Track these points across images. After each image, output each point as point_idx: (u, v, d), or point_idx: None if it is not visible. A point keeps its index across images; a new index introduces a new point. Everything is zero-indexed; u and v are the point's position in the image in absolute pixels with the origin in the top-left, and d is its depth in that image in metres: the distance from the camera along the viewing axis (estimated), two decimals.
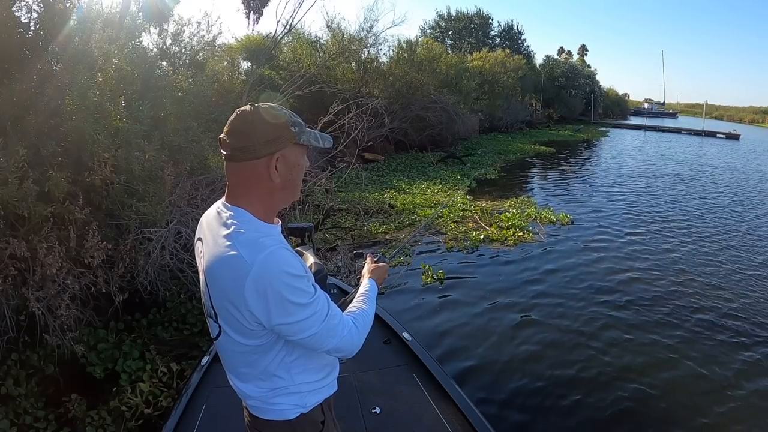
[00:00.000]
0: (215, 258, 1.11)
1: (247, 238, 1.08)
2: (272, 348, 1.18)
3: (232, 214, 1.13)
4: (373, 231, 7.01)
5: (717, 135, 31.27)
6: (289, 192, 1.20)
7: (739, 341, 4.32)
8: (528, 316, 4.70)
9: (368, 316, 1.33)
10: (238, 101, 7.48)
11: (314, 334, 1.13)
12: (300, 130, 1.15)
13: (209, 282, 1.15)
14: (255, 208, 1.14)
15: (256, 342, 1.15)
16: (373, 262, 1.61)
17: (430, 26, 35.05)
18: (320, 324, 1.13)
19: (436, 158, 14.07)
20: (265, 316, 1.08)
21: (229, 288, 1.09)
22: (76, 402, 2.92)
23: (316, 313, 1.12)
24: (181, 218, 4.08)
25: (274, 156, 1.12)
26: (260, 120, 1.10)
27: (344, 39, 14.76)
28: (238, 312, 1.10)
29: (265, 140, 1.10)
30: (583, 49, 53.28)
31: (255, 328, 1.12)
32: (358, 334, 1.25)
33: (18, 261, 2.93)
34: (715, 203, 10.61)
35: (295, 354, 1.21)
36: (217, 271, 1.11)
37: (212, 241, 1.14)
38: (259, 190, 1.14)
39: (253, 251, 1.06)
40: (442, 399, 2.40)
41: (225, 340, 1.20)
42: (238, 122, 1.12)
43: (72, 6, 3.78)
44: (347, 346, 1.21)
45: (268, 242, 1.08)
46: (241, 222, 1.11)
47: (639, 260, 6.43)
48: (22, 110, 3.27)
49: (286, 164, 1.14)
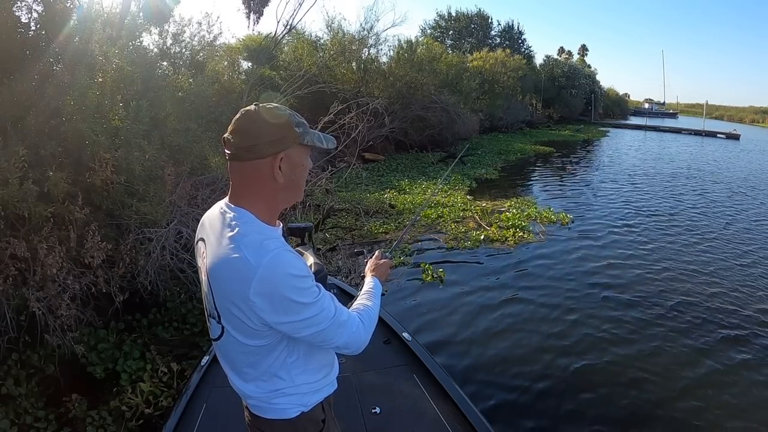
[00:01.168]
0: (219, 260, 1.11)
1: (252, 241, 1.08)
2: (275, 348, 1.18)
3: (236, 215, 1.13)
4: (373, 231, 7.00)
5: (717, 135, 31.24)
6: (292, 192, 1.20)
7: (748, 338, 4.33)
8: (529, 316, 4.69)
9: (373, 313, 1.34)
10: (238, 101, 7.49)
11: (322, 330, 1.14)
12: (304, 131, 1.15)
13: (212, 283, 1.15)
14: (258, 209, 1.15)
15: (259, 342, 1.16)
16: (377, 259, 1.61)
17: (430, 26, 35.04)
18: (329, 321, 1.14)
19: (437, 158, 14.07)
20: (271, 316, 1.08)
21: (234, 290, 1.09)
22: (76, 402, 2.93)
23: (324, 310, 1.13)
24: (182, 218, 4.09)
25: (278, 156, 1.12)
26: (265, 120, 1.11)
27: (344, 39, 14.77)
28: (242, 313, 1.10)
29: (269, 140, 1.10)
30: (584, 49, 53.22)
31: (259, 329, 1.12)
32: (365, 331, 1.26)
33: (18, 261, 2.93)
34: (717, 203, 10.60)
35: (295, 355, 1.22)
36: (221, 273, 1.11)
37: (216, 243, 1.14)
38: (262, 190, 1.15)
39: (257, 254, 1.06)
40: (442, 399, 2.40)
41: (227, 341, 1.20)
42: (243, 122, 1.12)
43: (72, 6, 3.79)
44: (355, 342, 1.23)
45: (271, 245, 1.08)
46: (245, 223, 1.11)
47: (640, 260, 6.43)
48: (22, 110, 3.28)
49: (289, 164, 1.15)
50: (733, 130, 32.68)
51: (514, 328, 4.47)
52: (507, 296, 5.15)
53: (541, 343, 4.22)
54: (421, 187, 10.12)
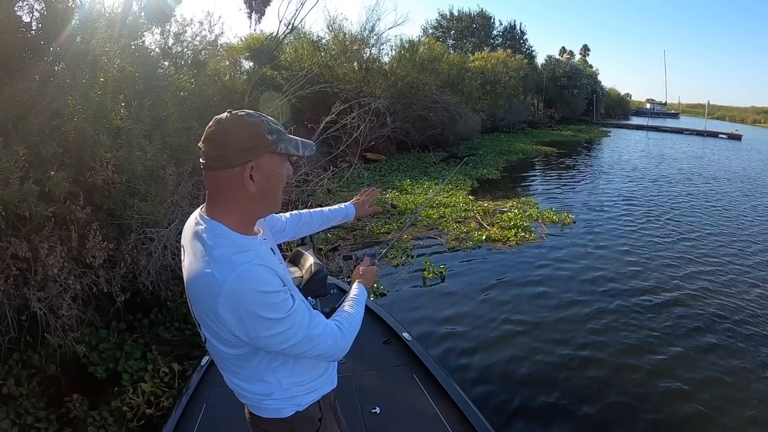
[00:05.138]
0: (191, 273, 1.10)
1: (220, 255, 1.06)
2: (254, 356, 1.18)
3: (206, 226, 1.12)
4: (375, 231, 7.00)
5: (719, 135, 31.17)
6: (267, 202, 1.18)
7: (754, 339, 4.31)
8: (529, 316, 4.68)
9: (355, 320, 1.32)
10: (240, 101, 7.49)
11: (295, 344, 1.12)
12: (278, 138, 1.11)
13: (189, 294, 1.14)
14: (231, 219, 1.12)
15: (237, 351, 1.16)
16: (365, 266, 1.63)
17: (432, 26, 35.12)
18: (301, 334, 1.12)
19: (438, 158, 14.06)
20: (241, 331, 1.08)
21: (205, 304, 1.08)
22: (77, 402, 2.93)
23: (295, 324, 1.10)
24: (183, 218, 4.07)
25: (248, 164, 1.08)
26: (234, 128, 1.08)
27: (346, 39, 14.77)
28: (215, 325, 1.10)
29: (239, 149, 1.07)
30: (585, 49, 53.06)
31: (233, 340, 1.12)
32: (344, 339, 1.24)
33: (19, 261, 2.93)
34: (718, 202, 10.56)
35: (279, 360, 1.21)
36: (193, 286, 1.10)
37: (191, 254, 1.13)
38: (235, 200, 1.12)
39: (224, 270, 1.04)
40: (442, 399, 2.39)
41: (210, 347, 1.21)
42: (214, 130, 1.09)
43: (74, 5, 3.79)
44: (333, 351, 1.21)
45: (239, 259, 1.05)
46: (215, 236, 1.10)
47: (641, 259, 6.40)
48: (23, 110, 3.28)
49: (262, 173, 1.11)
50: (734, 130, 32.59)
51: (515, 328, 4.45)
52: (508, 297, 5.14)
53: (542, 343, 4.20)
54: (422, 187, 10.11)
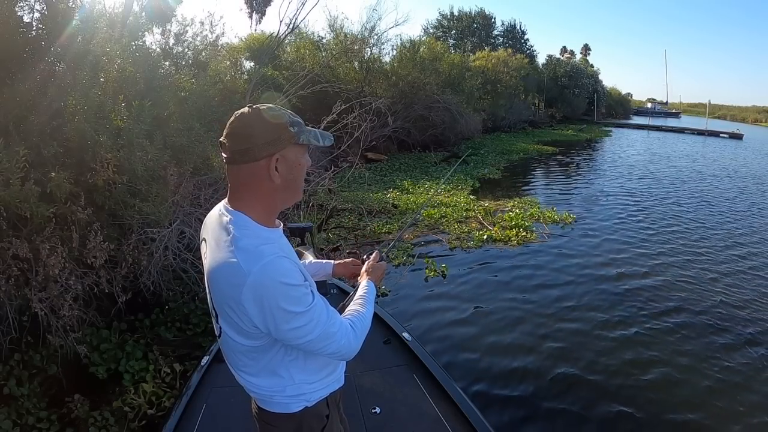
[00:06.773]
0: (216, 263, 1.12)
1: (246, 245, 1.08)
2: (271, 348, 1.19)
3: (232, 218, 1.13)
4: (376, 231, 7.00)
5: (720, 135, 31.16)
6: (290, 192, 1.20)
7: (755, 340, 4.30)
8: (531, 316, 4.67)
9: (366, 319, 1.33)
10: (241, 101, 7.48)
11: (312, 340, 1.14)
12: (299, 130, 1.14)
13: (210, 285, 1.16)
14: (256, 211, 1.14)
15: (255, 343, 1.17)
16: (374, 261, 1.62)
17: (432, 26, 35.14)
18: (318, 330, 1.14)
19: (440, 158, 14.06)
20: (262, 322, 1.09)
21: (228, 293, 1.10)
22: (78, 402, 2.93)
23: (314, 320, 1.12)
24: (184, 218, 4.08)
25: (273, 157, 1.11)
26: (259, 122, 1.10)
27: (347, 39, 14.77)
28: (236, 315, 1.11)
29: (264, 142, 1.09)
30: (586, 49, 53.18)
31: (253, 331, 1.13)
32: (356, 338, 1.25)
33: (21, 261, 2.93)
34: (719, 202, 10.54)
35: (293, 354, 1.23)
36: (217, 276, 1.12)
37: (214, 245, 1.15)
38: (259, 192, 1.14)
39: (250, 259, 1.06)
40: (442, 399, 2.39)
41: (226, 339, 1.23)
42: (237, 125, 1.11)
43: (75, 6, 3.79)
44: (346, 350, 1.22)
45: (267, 250, 1.08)
46: (241, 227, 1.12)
47: (643, 259, 6.40)
48: (24, 110, 3.28)
49: (286, 165, 1.14)
50: (736, 129, 32.59)
51: (516, 328, 4.45)
52: (509, 296, 5.13)
53: (543, 343, 4.19)
54: (423, 187, 10.11)
